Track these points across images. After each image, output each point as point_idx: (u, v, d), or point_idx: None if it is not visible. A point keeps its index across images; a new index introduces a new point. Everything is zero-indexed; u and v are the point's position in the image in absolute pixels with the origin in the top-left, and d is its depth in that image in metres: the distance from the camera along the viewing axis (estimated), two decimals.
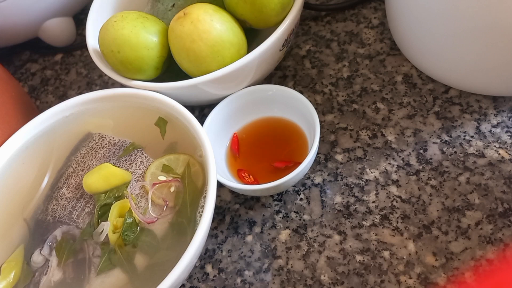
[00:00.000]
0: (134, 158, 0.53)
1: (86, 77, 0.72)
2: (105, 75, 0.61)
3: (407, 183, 0.52)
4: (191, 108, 0.53)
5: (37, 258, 0.49)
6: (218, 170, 0.50)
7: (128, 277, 0.47)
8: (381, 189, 0.52)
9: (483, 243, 0.47)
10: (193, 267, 0.49)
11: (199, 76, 0.53)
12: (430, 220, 0.49)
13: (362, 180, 0.53)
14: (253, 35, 0.58)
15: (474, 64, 0.51)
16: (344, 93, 0.60)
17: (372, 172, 0.53)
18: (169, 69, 0.57)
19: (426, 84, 0.58)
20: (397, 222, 0.50)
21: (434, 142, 0.54)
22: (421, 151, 0.54)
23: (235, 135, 0.58)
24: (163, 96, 0.53)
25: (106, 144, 0.55)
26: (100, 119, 0.57)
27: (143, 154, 0.53)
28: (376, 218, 0.51)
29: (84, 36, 0.61)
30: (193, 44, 0.52)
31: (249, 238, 0.53)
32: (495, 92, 0.54)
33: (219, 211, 0.55)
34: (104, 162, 0.53)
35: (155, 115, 0.54)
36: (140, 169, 0.52)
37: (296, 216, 0.53)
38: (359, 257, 0.49)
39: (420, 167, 0.52)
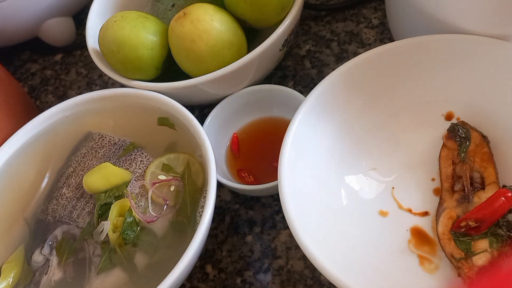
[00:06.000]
0: (134, 158, 0.53)
1: (86, 77, 0.72)
2: (105, 75, 0.61)
3: None
4: (191, 108, 0.53)
5: (37, 257, 0.49)
6: (218, 170, 0.50)
7: (128, 276, 0.47)
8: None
9: None
10: (193, 267, 0.49)
11: (199, 76, 0.53)
12: None
13: None
14: (253, 35, 0.58)
15: None
16: None
17: None
18: (169, 69, 0.57)
19: None
20: None
21: None
22: None
23: (235, 135, 0.58)
24: (163, 96, 0.53)
25: (106, 143, 0.55)
26: (100, 119, 0.57)
27: (143, 154, 0.53)
28: None
29: (84, 36, 0.61)
30: (193, 44, 0.52)
31: (249, 238, 0.53)
32: None
33: (219, 211, 0.55)
34: (104, 162, 0.53)
35: (155, 115, 0.54)
36: (140, 168, 0.52)
37: None
38: None
39: None
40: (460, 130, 0.48)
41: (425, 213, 0.48)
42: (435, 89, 0.51)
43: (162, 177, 0.51)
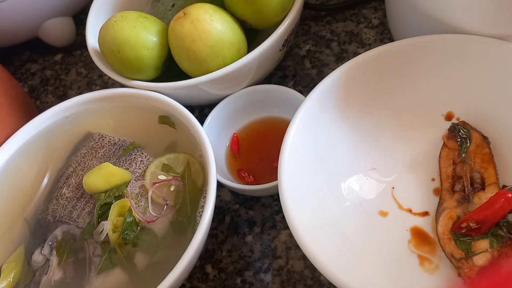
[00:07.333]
0: (134, 158, 0.53)
1: (86, 77, 0.72)
2: (105, 75, 0.61)
3: None
4: (191, 108, 0.53)
5: (37, 257, 0.49)
6: (218, 170, 0.50)
7: (128, 276, 0.47)
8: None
9: None
10: (193, 267, 0.49)
11: (199, 76, 0.53)
12: None
13: None
14: (253, 35, 0.58)
15: None
16: None
17: None
18: (169, 69, 0.57)
19: None
20: None
21: None
22: None
23: (235, 135, 0.58)
24: (163, 96, 0.53)
25: (106, 143, 0.55)
26: (100, 119, 0.57)
27: (143, 154, 0.53)
28: None
29: (84, 36, 0.61)
30: (193, 44, 0.52)
31: (249, 238, 0.53)
32: None
33: (219, 211, 0.55)
34: (104, 162, 0.53)
35: (155, 115, 0.54)
36: (140, 168, 0.52)
37: None
38: None
39: None
40: (461, 130, 0.48)
41: (425, 213, 0.48)
42: (435, 89, 0.51)
43: (162, 177, 0.51)
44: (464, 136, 0.48)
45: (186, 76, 0.54)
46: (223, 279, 0.51)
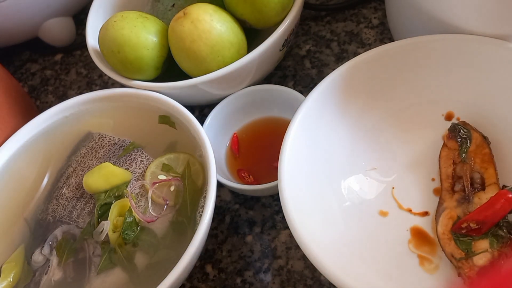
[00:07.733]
0: (134, 158, 0.53)
1: (86, 77, 0.72)
2: (105, 75, 0.61)
3: None
4: (191, 108, 0.53)
5: (37, 257, 0.49)
6: (218, 170, 0.50)
7: (128, 276, 0.47)
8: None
9: None
10: (193, 267, 0.49)
11: (199, 76, 0.53)
12: None
13: None
14: (253, 35, 0.58)
15: None
16: None
17: None
18: (169, 69, 0.57)
19: None
20: None
21: None
22: None
23: (235, 135, 0.58)
24: (163, 96, 0.53)
25: (106, 143, 0.55)
26: (100, 119, 0.57)
27: (143, 154, 0.53)
28: None
29: (84, 36, 0.61)
30: (193, 44, 0.52)
31: (249, 238, 0.53)
32: None
33: (219, 211, 0.55)
34: (104, 162, 0.53)
35: (155, 115, 0.54)
36: (140, 168, 0.52)
37: None
38: None
39: None
40: (461, 130, 0.48)
41: (425, 213, 0.48)
42: (435, 89, 0.51)
43: (162, 177, 0.51)
44: (464, 136, 0.48)
45: (186, 76, 0.54)
46: (223, 279, 0.51)
